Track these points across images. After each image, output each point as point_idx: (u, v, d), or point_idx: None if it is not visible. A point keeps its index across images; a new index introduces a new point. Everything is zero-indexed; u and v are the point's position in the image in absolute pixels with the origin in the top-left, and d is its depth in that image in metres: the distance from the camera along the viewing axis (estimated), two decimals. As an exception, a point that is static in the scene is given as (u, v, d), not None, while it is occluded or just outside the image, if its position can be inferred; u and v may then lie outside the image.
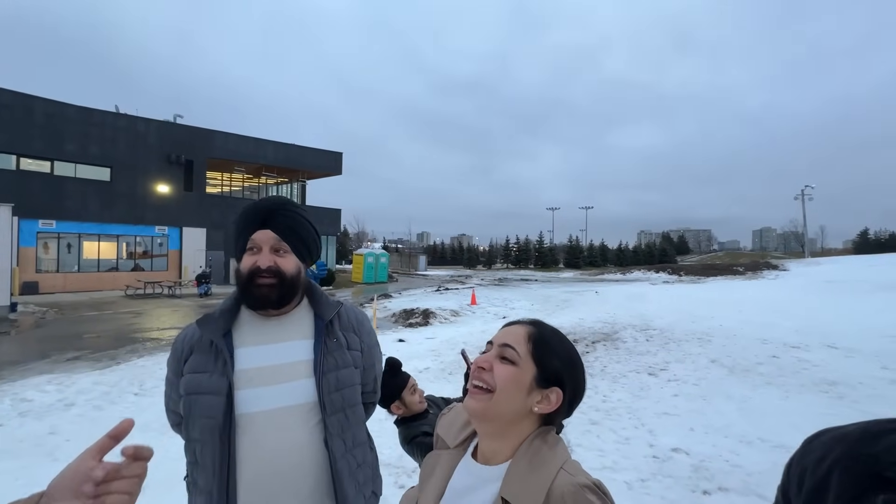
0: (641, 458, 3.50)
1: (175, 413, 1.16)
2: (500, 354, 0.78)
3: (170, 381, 1.15)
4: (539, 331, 0.81)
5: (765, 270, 25.50)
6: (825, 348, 6.98)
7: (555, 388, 0.77)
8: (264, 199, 1.18)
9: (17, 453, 3.62)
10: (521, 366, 0.77)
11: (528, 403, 0.76)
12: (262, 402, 1.06)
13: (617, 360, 6.69)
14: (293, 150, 27.55)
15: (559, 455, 0.73)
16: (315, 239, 1.21)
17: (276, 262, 1.10)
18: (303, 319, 1.18)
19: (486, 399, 0.75)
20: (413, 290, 20.66)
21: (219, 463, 1.02)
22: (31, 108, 18.61)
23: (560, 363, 0.78)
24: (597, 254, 63.72)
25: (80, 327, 10.77)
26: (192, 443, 1.07)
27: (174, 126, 23.25)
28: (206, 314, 1.14)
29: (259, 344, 1.11)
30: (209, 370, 1.07)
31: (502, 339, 0.80)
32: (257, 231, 1.11)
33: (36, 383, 5.71)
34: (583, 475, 0.70)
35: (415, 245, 77.41)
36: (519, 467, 0.73)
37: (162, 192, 22.07)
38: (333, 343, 1.16)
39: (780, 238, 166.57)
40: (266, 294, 1.09)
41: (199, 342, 1.11)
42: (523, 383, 0.76)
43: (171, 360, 1.14)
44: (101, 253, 20.74)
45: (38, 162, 19.14)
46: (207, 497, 1.03)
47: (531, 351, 0.78)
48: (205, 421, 1.04)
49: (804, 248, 51.92)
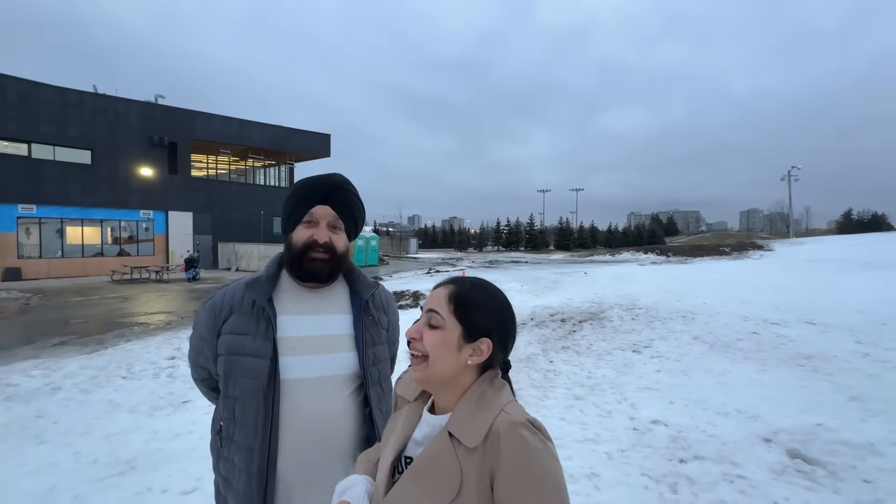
0: (622, 430, 3.61)
1: (203, 368, 1.22)
2: (427, 321, 0.83)
3: (203, 338, 1.19)
4: (458, 288, 0.84)
5: (750, 251, 25.92)
6: (803, 324, 7.18)
7: (483, 338, 0.82)
8: (327, 175, 1.21)
9: (4, 436, 3.61)
10: (447, 327, 0.81)
11: (462, 359, 0.81)
12: (305, 370, 1.12)
13: (603, 339, 6.83)
14: (280, 132, 27.03)
15: (503, 397, 0.79)
16: (364, 219, 1.27)
17: (332, 239, 1.16)
18: (340, 295, 1.24)
19: (424, 366, 0.81)
20: (404, 272, 20.69)
21: (262, 423, 1.08)
22: (3, 87, 17.92)
23: (482, 315, 0.82)
24: (587, 236, 64.21)
25: (66, 313, 10.65)
26: (231, 400, 1.12)
27: (156, 107, 22.59)
28: (255, 277, 1.18)
29: (300, 314, 1.17)
30: (251, 333, 1.12)
31: (428, 304, 0.84)
32: (317, 206, 1.15)
33: (21, 368, 5.66)
34: (520, 414, 0.76)
35: (406, 228, 77.12)
36: (465, 407, 0.79)
37: (145, 176, 21.59)
38: (370, 320, 1.23)
39: (766, 219, 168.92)
40: (319, 268, 1.15)
41: (240, 303, 1.15)
42: (451, 343, 0.80)
43: (206, 319, 1.18)
44: (84, 238, 20.35)
45: (15, 144, 18.53)
46: (248, 452, 1.08)
47: (453, 311, 0.81)
48: (247, 381, 1.09)
49: (789, 229, 52.81)
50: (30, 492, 2.77)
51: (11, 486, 2.85)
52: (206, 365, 1.21)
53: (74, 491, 2.79)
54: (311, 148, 28.68)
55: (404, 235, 53.20)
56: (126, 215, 21.42)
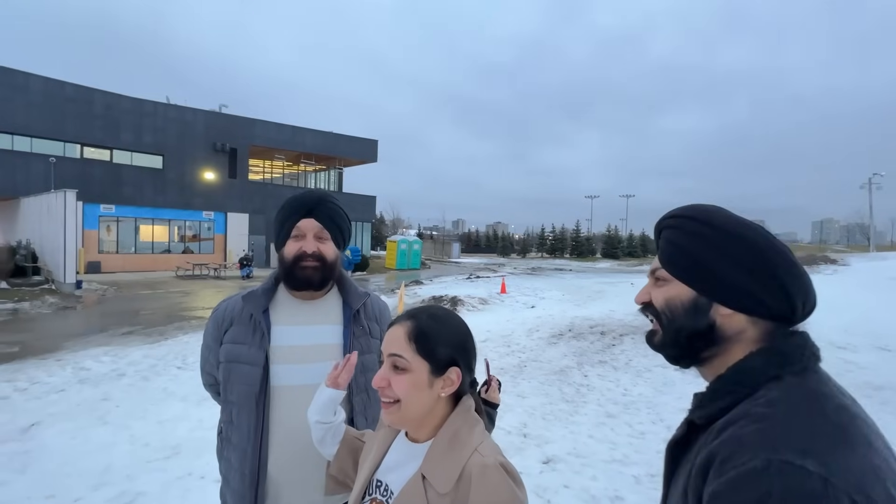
0: (654, 453, 3.44)
1: (210, 374, 1.32)
2: (392, 364, 0.81)
3: (209, 346, 1.29)
4: (416, 324, 0.82)
5: (822, 265, 23.71)
6: (875, 350, 6.50)
7: (451, 367, 0.81)
8: (308, 191, 1.30)
9: (74, 416, 4.04)
10: (413, 368, 0.79)
11: (434, 393, 0.81)
12: (294, 378, 1.20)
13: (644, 355, 6.53)
14: (330, 138, 28.18)
15: (476, 437, 0.79)
16: (349, 228, 1.34)
17: (319, 248, 1.23)
18: (333, 305, 1.31)
19: (397, 410, 0.80)
20: (444, 277, 20.83)
21: (254, 426, 1.17)
22: (91, 100, 20.03)
23: (445, 346, 0.82)
24: (637, 244, 61.48)
25: (136, 304, 11.67)
26: (229, 405, 1.22)
27: (219, 115, 24.31)
28: (251, 290, 1.27)
29: (293, 324, 1.24)
30: (248, 342, 1.20)
31: (388, 348, 0.82)
32: (302, 220, 1.22)
33: (94, 354, 6.29)
34: (493, 456, 0.75)
35: (449, 232, 77.57)
36: (439, 447, 0.79)
37: (208, 179, 23.25)
38: (360, 330, 1.29)
39: (843, 230, 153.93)
40: (310, 276, 1.22)
41: (239, 315, 1.24)
42: (421, 383, 0.80)
43: (212, 328, 1.28)
44: (155, 236, 22.23)
45: (99, 150, 20.64)
46: (241, 454, 1.17)
47: (416, 350, 0.80)
48: (242, 388, 1.18)
49: (870, 242, 47.83)
50: (89, 470, 3.09)
51: (74, 463, 3.19)
52: (213, 372, 1.30)
53: (127, 471, 3.08)
54: (359, 153, 29.64)
55: (447, 240, 53.55)
56: (191, 216, 23.16)
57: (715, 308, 0.65)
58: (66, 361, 5.88)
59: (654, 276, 0.72)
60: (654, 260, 0.73)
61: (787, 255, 0.64)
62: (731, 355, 0.64)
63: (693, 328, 0.66)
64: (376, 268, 26.50)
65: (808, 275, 0.66)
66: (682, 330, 0.67)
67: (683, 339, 0.67)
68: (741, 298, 0.63)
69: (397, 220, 62.56)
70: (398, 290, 14.26)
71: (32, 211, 16.18)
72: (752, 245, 0.64)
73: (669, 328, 0.68)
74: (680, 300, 0.67)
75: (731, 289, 0.64)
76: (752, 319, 0.64)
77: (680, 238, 0.68)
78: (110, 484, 2.92)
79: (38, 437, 3.61)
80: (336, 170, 30.42)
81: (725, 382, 0.63)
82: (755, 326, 0.64)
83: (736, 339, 0.64)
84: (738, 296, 0.63)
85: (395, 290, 14.54)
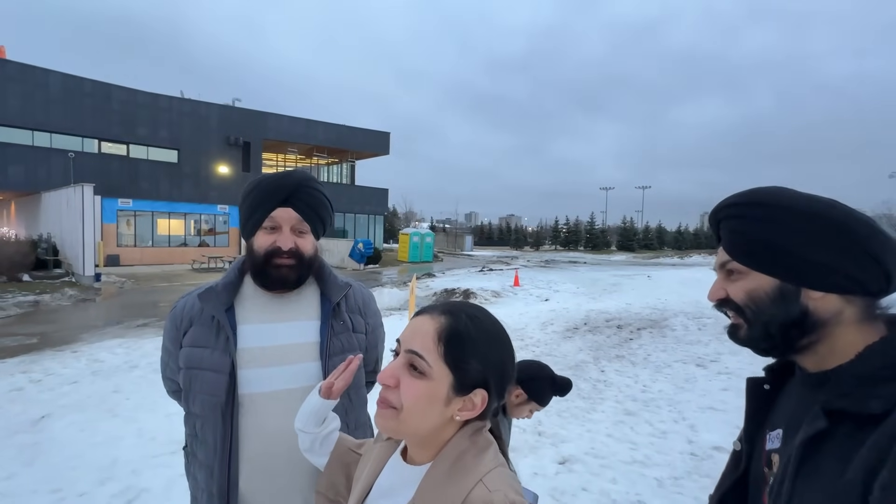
0: (677, 454, 3.28)
1: (172, 381, 1.16)
2: (408, 362, 0.65)
3: (167, 350, 1.14)
4: (452, 324, 0.65)
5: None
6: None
7: (478, 389, 0.65)
8: (286, 173, 1.10)
9: (85, 407, 4.04)
10: (433, 376, 0.64)
11: (448, 413, 0.65)
12: (265, 384, 1.04)
13: (663, 349, 6.32)
14: (343, 131, 28.14)
15: (484, 464, 0.63)
16: (331, 215, 1.16)
17: (297, 244, 1.06)
18: (309, 299, 1.14)
19: (394, 417, 0.64)
20: (457, 270, 20.71)
21: (220, 441, 1.02)
22: (109, 95, 20.29)
23: (481, 363, 0.65)
24: (653, 236, 60.42)
25: (153, 297, 11.83)
26: (192, 417, 1.07)
27: (233, 109, 24.43)
28: (209, 287, 1.11)
29: (263, 322, 1.08)
30: (210, 346, 1.05)
31: (409, 342, 0.66)
32: (278, 208, 1.05)
33: (109, 346, 6.34)
34: (502, 491, 0.60)
35: (462, 225, 77.37)
36: (436, 474, 0.64)
37: (223, 173, 23.46)
38: (340, 325, 1.13)
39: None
40: (286, 274, 1.06)
41: (199, 314, 1.08)
42: (437, 396, 0.64)
43: (170, 329, 1.12)
44: (171, 229, 22.55)
45: (117, 145, 20.95)
46: (208, 472, 1.03)
47: (443, 354, 0.64)
48: (206, 398, 1.03)
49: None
50: (96, 464, 3.05)
51: (81, 456, 3.16)
52: (174, 377, 1.13)
53: (133, 465, 3.03)
54: (372, 145, 29.58)
55: (460, 232, 53.36)
56: (206, 209, 23.41)
57: (805, 293, 0.61)
58: (82, 353, 5.93)
59: (724, 270, 0.68)
60: (720, 253, 0.69)
61: (871, 225, 0.60)
62: (835, 339, 0.61)
63: (785, 318, 0.62)
64: (389, 261, 26.52)
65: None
66: (772, 321, 0.63)
67: (776, 331, 0.63)
68: (833, 278, 0.60)
69: (410, 212, 62.64)
70: (410, 282, 14.23)
71: (52, 205, 16.53)
72: (831, 220, 0.59)
73: (757, 321, 0.64)
74: (764, 291, 0.63)
75: (819, 270, 0.60)
76: (847, 298, 0.60)
77: (748, 226, 0.64)
78: (115, 479, 2.88)
79: (47, 428, 3.60)
80: (348, 162, 30.44)
81: (883, 365, 0.56)
82: (851, 305, 0.60)
83: (835, 322, 0.61)
84: (829, 276, 0.60)
85: (407, 283, 14.49)
